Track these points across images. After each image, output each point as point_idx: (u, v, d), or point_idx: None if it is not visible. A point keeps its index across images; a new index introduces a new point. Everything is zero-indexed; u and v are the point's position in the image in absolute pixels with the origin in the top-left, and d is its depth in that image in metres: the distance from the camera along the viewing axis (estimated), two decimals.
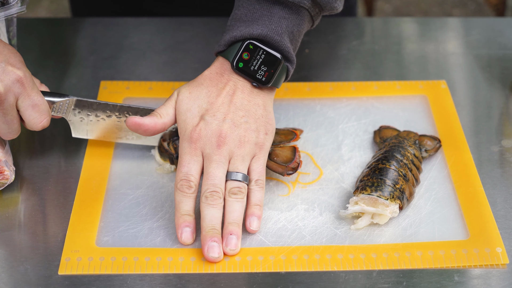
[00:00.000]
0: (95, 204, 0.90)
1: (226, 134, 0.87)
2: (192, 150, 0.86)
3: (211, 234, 0.84)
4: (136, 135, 0.95)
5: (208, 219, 0.85)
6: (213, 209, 0.85)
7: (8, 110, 0.87)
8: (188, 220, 0.85)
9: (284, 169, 0.92)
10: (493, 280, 0.83)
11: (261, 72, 0.90)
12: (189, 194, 0.85)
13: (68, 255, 0.84)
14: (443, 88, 1.09)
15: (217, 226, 0.85)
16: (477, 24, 1.27)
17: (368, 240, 0.87)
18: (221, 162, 0.86)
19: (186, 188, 0.85)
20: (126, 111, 0.94)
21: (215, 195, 0.85)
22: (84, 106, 0.93)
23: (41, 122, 0.89)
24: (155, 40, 1.20)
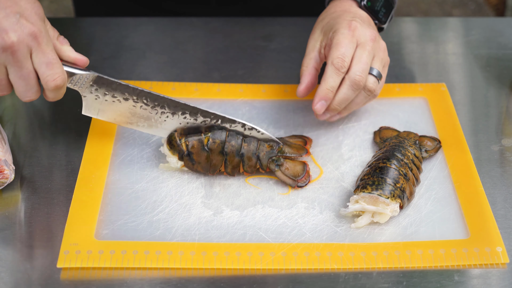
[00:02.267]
0: (94, 198, 0.90)
1: (375, 34, 0.98)
2: (350, 37, 0.96)
3: (333, 110, 0.97)
4: (148, 123, 0.95)
5: (342, 97, 0.96)
6: (352, 92, 0.95)
7: (22, 62, 0.85)
8: (329, 96, 0.95)
9: (294, 182, 0.93)
10: (493, 280, 0.83)
11: (381, 13, 1.05)
12: (340, 73, 0.95)
13: (67, 248, 0.84)
14: (442, 90, 1.09)
15: (343, 106, 0.97)
16: (477, 24, 1.27)
17: (369, 239, 0.87)
18: (371, 54, 0.97)
19: (341, 66, 0.94)
20: (144, 96, 0.93)
21: (362, 82, 0.95)
22: (103, 84, 0.92)
23: (54, 80, 0.87)
24: (155, 40, 1.20)
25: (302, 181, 0.93)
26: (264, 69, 1.14)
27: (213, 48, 1.19)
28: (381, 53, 0.98)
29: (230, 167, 0.93)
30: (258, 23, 1.24)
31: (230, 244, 0.86)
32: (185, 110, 0.93)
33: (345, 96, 0.95)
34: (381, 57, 0.98)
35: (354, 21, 0.97)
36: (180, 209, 0.90)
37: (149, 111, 0.93)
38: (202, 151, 0.92)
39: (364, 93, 0.97)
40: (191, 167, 0.93)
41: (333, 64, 0.94)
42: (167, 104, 0.93)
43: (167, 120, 0.94)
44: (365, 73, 0.95)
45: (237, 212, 0.90)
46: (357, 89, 0.95)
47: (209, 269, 0.83)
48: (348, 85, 0.95)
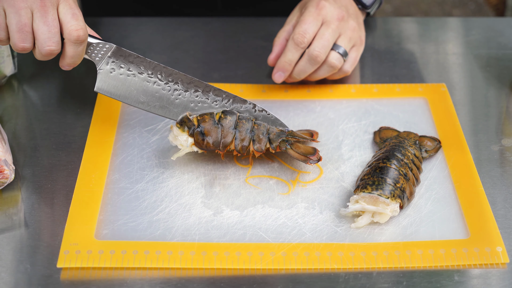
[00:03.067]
0: (94, 198, 0.90)
1: (345, 14, 1.03)
2: (316, 15, 1.02)
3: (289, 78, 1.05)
4: (159, 102, 0.95)
5: (300, 69, 1.03)
6: (310, 66, 1.02)
7: (48, 8, 0.87)
8: (287, 68, 1.03)
9: (306, 159, 0.93)
10: (493, 280, 0.83)
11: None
12: (299, 48, 1.01)
13: (67, 248, 0.84)
14: (442, 90, 1.09)
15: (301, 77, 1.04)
16: (477, 24, 1.27)
17: (369, 239, 0.87)
18: (335, 32, 1.02)
19: (300, 42, 1.01)
20: (160, 71, 0.94)
21: (320, 57, 1.01)
22: (121, 56, 0.93)
23: (77, 30, 0.88)
24: (155, 40, 1.20)
25: (315, 158, 0.93)
26: (264, 69, 1.14)
27: (213, 48, 1.19)
28: (349, 32, 1.03)
29: (241, 145, 0.92)
30: (258, 23, 1.24)
31: (230, 244, 0.86)
32: (198, 87, 0.94)
33: (303, 68, 1.02)
34: (349, 35, 1.03)
35: (325, 2, 1.02)
36: (180, 209, 0.90)
37: (162, 87, 0.94)
38: (214, 125, 0.92)
39: (327, 68, 1.03)
40: (201, 144, 0.92)
41: (293, 39, 1.01)
42: (180, 80, 0.94)
43: (179, 99, 0.94)
44: (325, 49, 1.01)
45: (237, 212, 0.90)
46: (315, 63, 1.01)
47: (209, 269, 0.83)
48: (307, 59, 1.01)
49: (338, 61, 1.03)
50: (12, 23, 0.87)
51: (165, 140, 0.99)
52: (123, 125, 1.01)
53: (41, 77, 1.11)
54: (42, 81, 1.10)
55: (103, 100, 1.05)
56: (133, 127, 1.01)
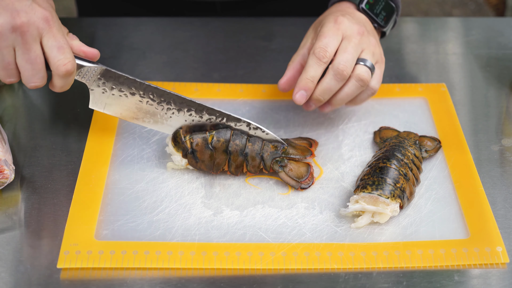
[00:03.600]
0: (94, 198, 0.90)
1: (364, 30, 0.96)
2: (335, 30, 0.95)
3: (317, 100, 0.95)
4: (154, 119, 0.95)
5: (324, 87, 0.94)
6: (336, 83, 0.93)
7: (31, 45, 0.85)
8: (309, 86, 0.94)
9: (298, 184, 0.93)
10: (493, 280, 0.83)
11: (381, 16, 1.03)
12: (322, 62, 0.93)
13: (67, 248, 0.84)
14: (442, 90, 1.09)
15: (326, 97, 0.95)
16: (477, 24, 1.27)
17: (369, 239, 0.87)
18: (358, 47, 0.95)
19: (322, 56, 0.93)
20: (151, 91, 0.93)
21: (346, 71, 0.93)
22: (111, 78, 0.92)
23: (65, 64, 0.86)
24: (155, 40, 1.20)
25: (306, 182, 0.93)
26: (264, 69, 1.14)
27: (213, 48, 1.19)
28: (371, 47, 0.96)
29: (234, 166, 0.93)
30: (258, 23, 1.24)
31: (230, 244, 0.86)
32: (190, 107, 0.93)
33: (328, 86, 0.94)
34: (372, 50, 0.96)
35: (342, 16, 0.96)
36: (180, 209, 0.90)
37: (155, 106, 0.93)
38: (206, 149, 0.92)
39: (356, 83, 0.95)
40: (195, 165, 0.93)
41: (314, 53, 0.93)
42: (173, 100, 0.93)
43: (173, 117, 0.94)
44: (350, 63, 0.93)
45: (237, 212, 0.90)
46: (341, 79, 0.93)
47: (209, 269, 0.83)
48: (332, 74, 0.93)
49: (367, 74, 0.94)
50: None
51: (165, 141, 0.99)
52: (123, 126, 1.01)
53: None
54: None
55: None
56: (133, 128, 1.01)
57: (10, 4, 0.84)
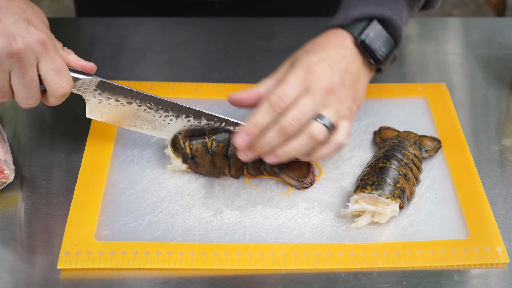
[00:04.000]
0: (94, 199, 0.90)
1: (335, 85, 0.88)
2: (301, 80, 0.87)
3: (254, 151, 0.87)
4: (152, 125, 0.94)
5: (266, 141, 0.86)
6: (278, 138, 0.86)
7: (27, 70, 0.84)
8: (254, 132, 0.86)
9: (299, 183, 0.93)
10: (493, 280, 0.83)
11: (380, 52, 0.94)
12: (273, 111, 0.86)
13: (67, 249, 0.84)
14: (443, 90, 1.09)
15: (265, 150, 0.87)
16: (477, 24, 1.27)
17: (369, 239, 0.87)
18: (318, 104, 0.87)
19: (276, 105, 0.85)
20: (148, 100, 0.92)
21: (291, 130, 0.85)
22: (106, 89, 0.91)
23: (63, 87, 0.86)
24: (155, 40, 1.20)
25: (308, 181, 0.93)
26: (264, 69, 1.14)
27: (213, 48, 1.19)
28: (337, 104, 0.88)
29: (234, 170, 0.93)
30: (258, 23, 1.24)
31: (230, 244, 0.86)
32: (188, 113, 0.93)
33: (269, 139, 0.86)
34: (336, 108, 0.88)
35: (317, 66, 0.88)
36: (180, 210, 0.90)
37: (153, 114, 0.93)
38: (206, 154, 0.92)
39: (307, 139, 0.86)
40: (195, 170, 0.93)
41: (269, 99, 0.86)
42: (170, 107, 0.92)
43: (171, 123, 0.94)
44: (298, 122, 0.85)
45: (237, 213, 0.90)
46: (283, 135, 0.85)
47: (209, 269, 0.83)
48: (275, 129, 0.85)
49: (320, 132, 0.86)
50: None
51: (164, 142, 0.99)
52: None
53: None
54: None
55: None
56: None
57: (6, 28, 0.83)
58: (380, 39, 0.94)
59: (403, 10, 0.95)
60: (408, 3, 0.96)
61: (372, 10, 0.94)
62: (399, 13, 0.95)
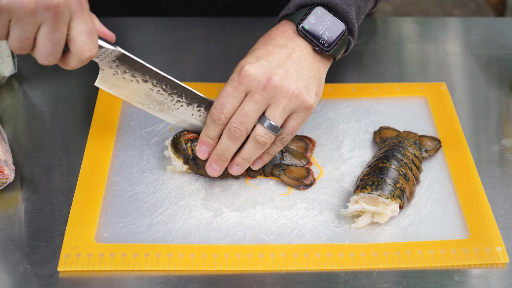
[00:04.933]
0: (94, 200, 0.90)
1: (276, 79, 0.87)
2: (237, 85, 0.87)
3: (218, 160, 0.90)
4: (160, 107, 0.92)
5: (222, 147, 0.89)
6: (231, 143, 0.88)
7: (59, 25, 0.80)
8: (209, 142, 0.90)
9: (299, 183, 0.93)
10: (493, 280, 0.83)
11: (325, 37, 0.91)
12: (217, 124, 0.88)
13: (68, 251, 0.84)
14: (443, 90, 1.09)
15: (227, 156, 0.89)
16: (477, 24, 1.27)
17: (369, 239, 0.87)
18: (260, 103, 0.87)
19: (217, 118, 0.88)
20: (165, 82, 0.90)
21: (238, 133, 0.87)
22: (126, 63, 0.89)
23: (91, 50, 0.83)
24: (155, 40, 1.20)
25: (308, 180, 0.93)
26: None
27: (213, 48, 1.19)
28: (282, 100, 0.87)
29: None
30: (258, 23, 1.24)
31: (230, 245, 0.86)
32: (201, 103, 0.92)
33: (224, 146, 0.88)
34: (282, 104, 0.87)
35: (252, 66, 0.87)
36: (180, 211, 0.90)
37: (165, 97, 0.91)
38: None
39: (254, 144, 0.88)
40: (196, 171, 0.93)
41: (210, 113, 0.88)
42: (185, 94, 0.91)
43: (180, 109, 0.92)
44: (244, 125, 0.86)
45: (237, 213, 0.90)
46: (235, 140, 0.87)
47: (209, 271, 0.83)
48: (225, 135, 0.88)
49: (265, 136, 0.87)
50: (14, 33, 0.80)
51: (164, 143, 0.99)
52: (123, 127, 1.01)
53: (41, 77, 1.11)
54: (42, 81, 1.10)
55: (103, 101, 1.05)
56: (133, 129, 1.01)
57: None
58: (323, 24, 0.91)
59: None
60: None
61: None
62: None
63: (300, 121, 0.89)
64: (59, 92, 1.08)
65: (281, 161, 0.94)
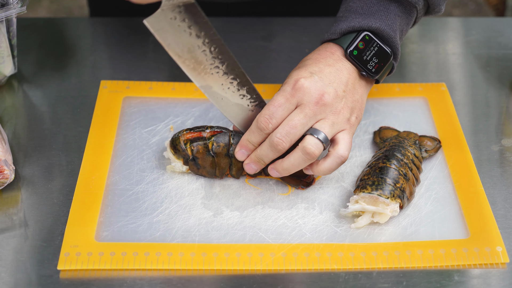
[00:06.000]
0: (94, 199, 0.90)
1: (328, 97, 0.88)
2: (289, 96, 0.88)
3: (257, 162, 0.90)
4: (195, 66, 0.88)
5: (261, 153, 0.89)
6: (271, 152, 0.88)
7: None
8: (249, 147, 0.90)
9: (299, 182, 0.93)
10: (493, 280, 0.83)
11: (372, 63, 0.93)
12: (262, 133, 0.88)
13: (67, 250, 0.84)
14: (442, 90, 1.09)
15: (265, 161, 0.89)
16: (477, 24, 1.27)
17: (369, 239, 0.87)
18: (309, 118, 0.87)
19: (264, 127, 0.87)
20: (215, 45, 0.87)
21: (281, 146, 0.87)
22: (190, 13, 0.85)
23: None
24: (155, 40, 1.20)
25: (308, 179, 0.93)
26: (264, 69, 1.14)
27: None
28: (331, 116, 0.88)
29: (235, 169, 0.93)
30: (258, 23, 1.24)
31: (230, 245, 0.86)
32: (237, 77, 0.90)
33: (264, 153, 0.88)
34: (331, 120, 0.88)
35: (306, 79, 0.88)
36: (180, 210, 0.90)
37: (207, 58, 0.89)
38: (207, 155, 0.92)
39: (302, 155, 0.87)
40: (196, 172, 0.93)
41: (257, 121, 0.88)
42: (227, 63, 0.89)
43: (214, 74, 0.90)
44: (289, 137, 0.86)
45: (237, 213, 0.90)
46: (276, 151, 0.87)
47: (209, 270, 0.83)
48: (267, 144, 0.88)
49: (315, 147, 0.86)
50: None
51: (164, 142, 0.99)
52: (123, 126, 1.01)
53: (41, 77, 1.11)
54: (42, 81, 1.10)
55: (103, 101, 1.05)
56: (133, 128, 1.01)
57: None
58: (371, 50, 0.93)
59: (395, 19, 0.94)
60: (402, 11, 0.94)
61: (360, 22, 0.93)
62: (390, 23, 0.93)
63: (350, 139, 0.90)
64: (59, 92, 1.08)
65: None
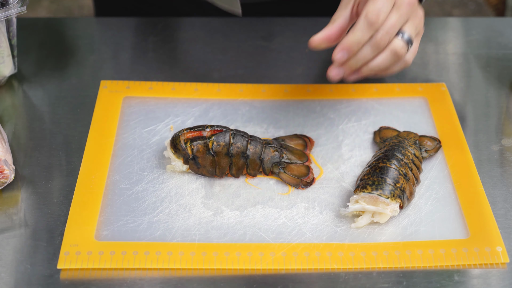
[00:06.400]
0: (94, 199, 0.90)
1: (415, 1, 0.92)
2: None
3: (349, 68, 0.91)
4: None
5: (361, 56, 0.89)
6: (371, 53, 0.89)
7: None
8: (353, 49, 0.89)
9: (299, 182, 0.93)
10: (493, 280, 0.83)
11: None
12: (371, 28, 0.88)
13: (67, 249, 0.84)
14: (443, 90, 1.09)
15: (359, 65, 0.91)
16: (477, 24, 1.27)
17: (369, 239, 0.87)
18: (403, 17, 0.90)
19: (374, 22, 0.88)
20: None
21: (383, 43, 0.89)
22: None
23: None
24: (155, 40, 1.20)
25: (308, 178, 0.93)
26: (264, 69, 1.14)
27: (213, 48, 1.19)
28: (417, 20, 0.93)
29: (235, 169, 0.93)
30: (258, 23, 1.24)
31: (230, 244, 0.86)
32: None
33: (364, 55, 0.90)
34: (416, 23, 0.93)
35: None
36: (180, 210, 0.90)
37: None
38: (207, 155, 0.92)
39: (390, 55, 0.91)
40: (196, 171, 0.93)
41: (367, 17, 0.88)
42: None
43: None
44: (390, 35, 0.89)
45: (237, 212, 0.90)
46: (377, 49, 0.89)
47: (209, 269, 0.83)
48: (369, 44, 0.89)
49: (402, 48, 0.91)
50: None
51: (164, 142, 0.99)
52: (123, 126, 1.01)
53: (41, 77, 1.11)
54: (42, 81, 1.10)
55: (103, 101, 1.05)
56: (133, 128, 1.01)
57: None
58: None
59: None
60: None
61: None
62: None
63: (418, 44, 0.95)
64: (59, 92, 1.08)
65: (281, 159, 0.94)
